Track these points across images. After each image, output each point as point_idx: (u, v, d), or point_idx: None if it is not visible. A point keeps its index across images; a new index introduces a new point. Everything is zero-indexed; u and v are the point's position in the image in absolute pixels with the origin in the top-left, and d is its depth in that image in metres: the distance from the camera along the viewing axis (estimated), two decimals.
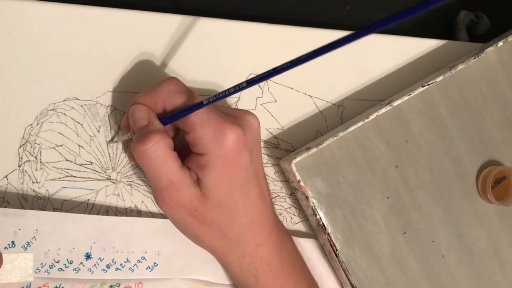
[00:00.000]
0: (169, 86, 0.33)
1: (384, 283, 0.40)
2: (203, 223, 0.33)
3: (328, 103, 0.43)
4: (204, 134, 0.32)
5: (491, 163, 0.43)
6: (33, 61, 0.37)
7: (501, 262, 0.43)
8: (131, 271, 0.37)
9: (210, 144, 0.32)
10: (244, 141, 0.32)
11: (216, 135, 0.31)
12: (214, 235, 0.34)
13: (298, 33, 0.42)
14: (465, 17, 0.47)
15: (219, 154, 0.32)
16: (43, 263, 0.35)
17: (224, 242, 0.34)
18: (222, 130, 0.32)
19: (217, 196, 0.33)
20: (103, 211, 0.38)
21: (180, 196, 0.32)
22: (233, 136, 0.32)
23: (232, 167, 0.32)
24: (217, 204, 0.33)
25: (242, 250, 0.35)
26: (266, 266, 0.35)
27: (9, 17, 0.36)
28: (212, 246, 0.35)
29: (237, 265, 0.35)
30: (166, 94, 0.33)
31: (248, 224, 0.34)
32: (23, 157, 0.37)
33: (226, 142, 0.32)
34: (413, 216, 0.41)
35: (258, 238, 0.35)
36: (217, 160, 0.32)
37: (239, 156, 0.32)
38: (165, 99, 0.33)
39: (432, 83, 0.41)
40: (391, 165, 0.40)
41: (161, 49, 0.39)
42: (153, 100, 0.33)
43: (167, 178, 0.32)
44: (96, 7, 0.38)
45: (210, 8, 0.43)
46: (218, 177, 0.32)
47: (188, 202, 0.32)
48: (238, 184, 0.33)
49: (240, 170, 0.33)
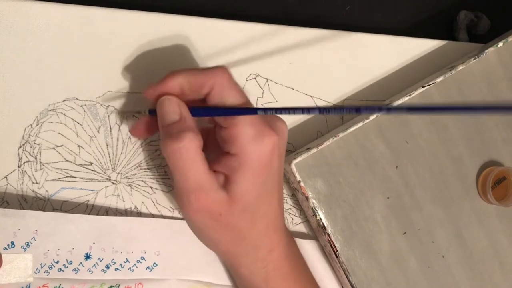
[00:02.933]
0: (224, 75, 0.31)
1: (384, 283, 0.40)
2: (224, 227, 0.32)
3: (329, 104, 0.42)
4: (244, 133, 0.31)
5: (491, 163, 0.43)
6: (33, 61, 0.37)
7: (501, 262, 0.43)
8: (131, 271, 0.37)
9: (248, 144, 0.31)
10: (278, 148, 0.32)
11: (256, 137, 0.31)
12: (232, 240, 0.33)
13: (298, 33, 0.42)
14: (465, 17, 0.47)
15: (255, 157, 0.31)
16: (42, 263, 0.35)
17: (239, 247, 0.34)
18: (262, 133, 0.31)
19: (244, 200, 0.32)
20: (103, 212, 0.38)
21: (207, 200, 0.31)
22: (271, 141, 0.31)
23: (265, 172, 0.32)
24: (243, 208, 0.32)
25: (256, 254, 0.34)
26: (276, 270, 0.35)
27: (9, 17, 0.36)
28: (227, 250, 0.35)
29: (248, 268, 0.35)
30: (219, 81, 0.31)
31: (264, 228, 0.34)
32: (23, 157, 0.37)
33: (264, 146, 0.31)
34: (413, 216, 0.41)
35: (272, 243, 0.34)
36: (253, 163, 0.31)
37: (272, 162, 0.32)
38: (214, 87, 0.31)
39: (432, 84, 0.41)
40: (391, 165, 0.40)
41: (161, 49, 0.39)
42: (201, 82, 0.31)
43: (196, 181, 0.31)
44: (96, 7, 0.38)
45: (210, 8, 0.43)
46: (250, 181, 0.31)
47: (214, 207, 0.31)
48: (266, 190, 0.32)
49: (270, 176, 0.32)
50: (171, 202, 0.39)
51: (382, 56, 0.44)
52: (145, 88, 0.33)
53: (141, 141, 0.39)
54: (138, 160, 0.38)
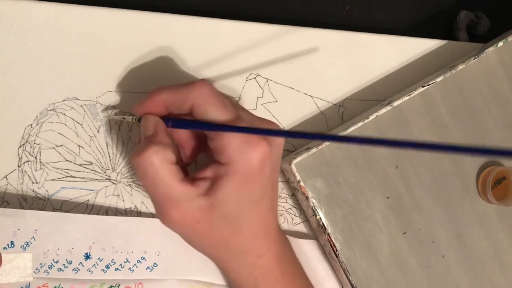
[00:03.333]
0: (203, 89, 0.31)
1: (384, 283, 0.40)
2: (204, 234, 0.32)
3: (329, 103, 0.42)
4: (231, 144, 0.30)
5: (491, 163, 0.43)
6: (33, 61, 0.37)
7: (501, 262, 0.43)
8: (131, 271, 0.37)
9: (235, 155, 0.30)
10: (269, 158, 0.31)
11: (242, 148, 0.30)
12: (216, 246, 0.33)
13: (298, 33, 0.42)
14: (465, 17, 0.47)
15: (242, 168, 0.30)
16: (42, 263, 0.35)
17: (224, 253, 0.34)
18: (249, 143, 0.30)
19: (225, 208, 0.31)
20: (103, 211, 0.38)
21: (180, 210, 0.31)
22: (260, 152, 0.30)
23: (251, 183, 0.31)
24: (223, 216, 0.31)
25: (242, 260, 0.34)
26: (266, 275, 0.34)
27: (9, 17, 0.36)
28: (213, 255, 0.35)
29: (236, 273, 0.35)
30: (198, 97, 0.31)
31: (252, 237, 0.33)
32: (23, 157, 0.37)
33: (251, 157, 0.30)
34: (413, 216, 0.41)
35: (260, 249, 0.34)
36: (238, 174, 0.30)
37: (263, 171, 0.31)
38: (195, 102, 0.31)
39: (432, 83, 0.41)
40: (391, 165, 0.40)
41: (161, 49, 0.39)
42: (180, 98, 0.32)
43: (165, 193, 0.30)
44: (96, 7, 0.38)
45: (210, 8, 0.43)
46: (233, 190, 0.31)
47: (187, 216, 0.31)
48: (252, 199, 0.32)
49: (258, 186, 0.31)
50: None
51: (382, 56, 0.44)
52: (135, 104, 0.34)
53: None
54: None
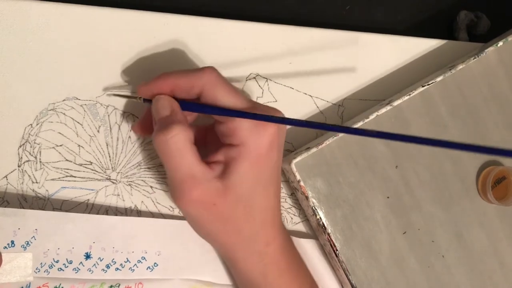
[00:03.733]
0: (212, 74, 0.32)
1: (384, 283, 0.40)
2: (219, 218, 0.33)
3: (329, 103, 0.43)
4: (243, 125, 0.32)
5: (491, 163, 0.43)
6: (33, 61, 0.37)
7: (501, 262, 0.43)
8: (131, 271, 0.37)
9: (247, 136, 0.32)
10: (277, 140, 0.33)
11: (254, 129, 0.32)
12: (228, 232, 0.34)
13: (298, 33, 0.42)
14: (465, 17, 0.47)
15: (254, 148, 0.32)
16: (42, 262, 0.35)
17: (236, 239, 0.34)
18: (260, 125, 0.32)
19: (240, 191, 0.32)
20: (103, 211, 0.38)
21: (200, 190, 0.31)
22: (270, 133, 0.32)
23: (263, 163, 0.32)
24: (238, 199, 0.32)
25: (253, 247, 0.34)
26: (274, 264, 0.35)
27: (9, 17, 0.36)
28: (224, 243, 0.35)
29: (245, 262, 0.35)
30: (208, 82, 0.32)
31: (261, 222, 0.34)
32: (23, 157, 0.37)
33: (263, 137, 0.32)
34: (413, 216, 0.41)
35: (268, 237, 0.35)
36: (250, 155, 0.32)
37: (270, 154, 0.32)
38: (204, 87, 0.32)
39: (432, 83, 0.41)
40: (391, 165, 0.40)
41: (161, 49, 0.39)
42: (190, 83, 0.33)
43: (187, 171, 0.31)
44: (96, 7, 0.38)
45: (210, 8, 0.43)
46: (247, 170, 0.32)
47: (207, 196, 0.32)
48: (263, 181, 0.33)
49: (268, 167, 0.33)
50: (171, 201, 0.39)
51: (382, 55, 0.44)
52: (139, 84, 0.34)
53: (141, 141, 0.39)
54: (138, 160, 0.39)
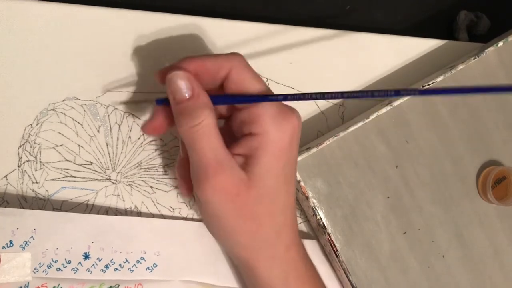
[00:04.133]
0: (241, 58, 0.31)
1: (384, 283, 0.39)
2: (240, 213, 0.31)
3: (329, 103, 0.43)
4: (266, 112, 0.30)
5: (491, 163, 0.43)
6: (33, 61, 0.37)
7: (501, 262, 0.43)
8: (130, 272, 0.37)
9: (270, 124, 0.30)
10: (298, 133, 0.31)
11: (277, 117, 0.30)
12: (248, 230, 0.31)
13: (298, 33, 0.42)
14: (465, 17, 0.47)
15: (277, 139, 0.30)
16: (41, 262, 0.35)
17: (255, 241, 0.32)
18: (284, 113, 0.30)
19: (263, 184, 0.30)
20: (103, 211, 0.38)
21: (225, 178, 0.30)
22: (293, 124, 0.30)
23: (285, 156, 0.30)
24: (261, 193, 0.31)
25: (273, 251, 0.32)
26: (294, 271, 0.33)
27: (9, 17, 0.36)
28: (243, 243, 0.32)
29: (265, 268, 0.32)
30: (237, 64, 0.30)
31: (282, 223, 0.32)
32: (23, 157, 0.37)
33: (286, 127, 0.30)
34: (413, 216, 0.40)
35: (288, 240, 0.33)
36: (273, 144, 0.30)
37: (292, 147, 0.31)
38: (233, 69, 0.30)
39: (432, 83, 0.41)
40: (391, 165, 0.40)
41: (161, 49, 0.39)
42: (217, 65, 0.31)
43: (214, 157, 0.29)
44: (96, 7, 0.38)
45: (210, 8, 0.43)
46: (270, 162, 0.30)
47: (231, 185, 0.30)
48: (285, 177, 0.31)
49: (290, 161, 0.31)
50: (171, 201, 0.39)
51: (382, 56, 0.44)
52: (156, 71, 0.32)
53: (141, 141, 0.39)
54: (138, 160, 0.38)
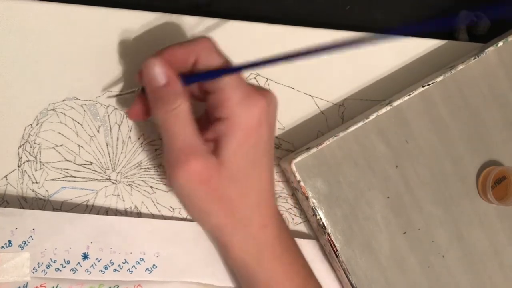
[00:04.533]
0: (207, 42, 0.32)
1: (384, 283, 0.39)
2: (213, 196, 0.32)
3: (329, 103, 0.42)
4: (232, 96, 0.31)
5: (491, 163, 0.43)
6: (33, 61, 0.37)
7: (501, 262, 0.43)
8: (130, 273, 0.37)
9: (236, 107, 0.31)
10: (267, 114, 0.32)
11: (243, 101, 0.31)
12: (222, 212, 0.33)
13: (298, 33, 0.42)
14: (465, 17, 0.47)
15: (243, 121, 0.31)
16: (40, 262, 0.35)
17: (230, 220, 0.33)
18: (250, 96, 0.31)
19: (233, 166, 0.31)
20: (103, 212, 0.38)
21: (197, 162, 0.31)
22: (259, 105, 0.31)
23: (253, 137, 0.31)
24: (232, 177, 0.32)
25: (247, 230, 0.33)
26: (268, 249, 0.34)
27: (9, 17, 0.36)
28: (218, 224, 0.34)
29: (239, 246, 0.34)
30: (202, 50, 0.32)
31: (256, 203, 0.33)
32: (23, 157, 0.37)
33: (252, 109, 0.31)
34: (413, 216, 0.40)
35: (263, 220, 0.34)
36: (240, 127, 0.31)
37: (261, 128, 0.32)
38: (201, 53, 0.31)
39: (432, 83, 0.41)
40: (391, 165, 0.40)
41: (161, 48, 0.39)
42: (186, 52, 0.32)
43: (187, 142, 0.31)
44: (96, 7, 0.38)
45: (210, 8, 0.43)
46: (238, 145, 0.31)
47: (203, 169, 0.31)
48: (255, 157, 0.32)
49: (260, 143, 0.32)
50: (171, 201, 0.39)
51: (382, 56, 0.44)
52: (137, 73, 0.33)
53: (141, 141, 0.39)
54: (138, 160, 0.38)
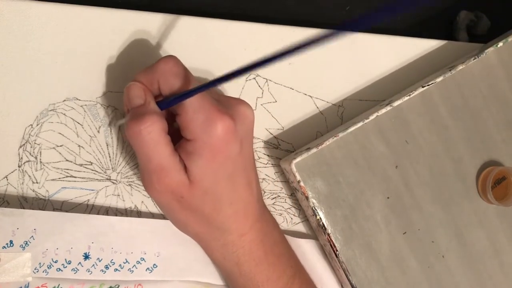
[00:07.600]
0: (166, 66, 0.32)
1: (384, 283, 0.40)
2: (188, 209, 0.33)
3: (328, 104, 0.43)
4: (194, 119, 0.31)
5: (491, 163, 0.43)
6: (33, 61, 0.37)
7: (501, 262, 0.43)
8: (130, 272, 0.37)
9: (198, 130, 0.31)
10: (233, 132, 0.32)
11: (205, 123, 0.31)
12: (198, 222, 0.34)
13: (298, 33, 0.42)
14: (465, 17, 0.47)
15: (207, 142, 0.31)
16: (41, 262, 0.35)
17: (207, 229, 0.34)
18: (211, 119, 0.31)
19: (203, 185, 0.32)
20: (103, 211, 0.38)
21: (168, 181, 0.32)
22: (222, 126, 0.31)
23: (219, 156, 0.32)
24: (204, 192, 0.33)
25: (225, 238, 0.35)
26: (248, 255, 0.35)
27: (9, 17, 0.36)
28: (196, 232, 0.35)
29: (220, 252, 0.35)
30: (161, 74, 0.32)
31: (232, 215, 0.34)
32: (23, 157, 0.37)
33: (214, 131, 0.31)
34: (413, 216, 0.41)
35: (242, 228, 0.35)
36: (204, 148, 0.31)
37: (227, 146, 0.32)
38: (160, 79, 0.32)
39: (432, 84, 0.41)
40: (391, 165, 0.40)
41: (161, 49, 0.39)
42: (149, 78, 0.33)
43: (158, 162, 0.31)
44: (96, 7, 0.38)
45: (210, 9, 0.43)
46: (204, 165, 0.32)
47: (175, 188, 0.32)
48: (225, 174, 0.33)
49: (228, 160, 0.32)
50: None
51: (382, 56, 0.44)
52: None
53: None
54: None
